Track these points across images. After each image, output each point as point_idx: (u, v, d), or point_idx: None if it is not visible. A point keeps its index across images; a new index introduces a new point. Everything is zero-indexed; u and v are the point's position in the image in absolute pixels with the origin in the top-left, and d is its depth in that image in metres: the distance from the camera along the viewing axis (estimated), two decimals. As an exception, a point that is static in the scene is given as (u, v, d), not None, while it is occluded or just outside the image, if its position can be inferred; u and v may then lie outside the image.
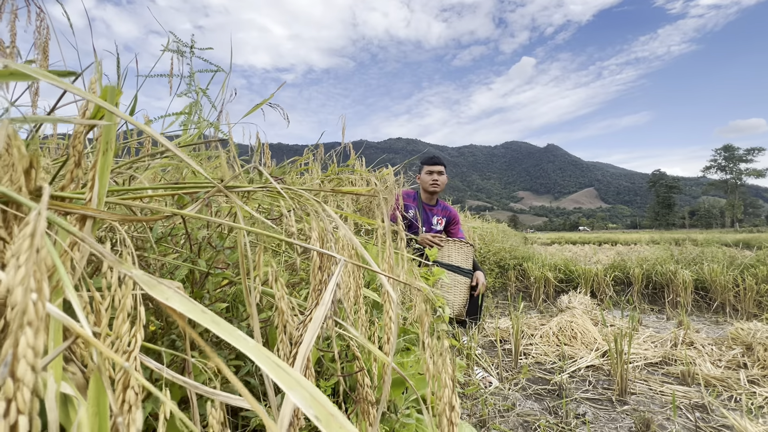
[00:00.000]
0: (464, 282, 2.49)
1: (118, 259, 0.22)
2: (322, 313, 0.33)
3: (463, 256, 2.46)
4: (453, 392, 0.37)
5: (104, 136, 0.34)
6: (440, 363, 0.39)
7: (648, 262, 4.19)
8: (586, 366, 2.24)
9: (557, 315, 3.19)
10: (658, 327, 3.17)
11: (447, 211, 2.89)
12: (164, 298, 0.20)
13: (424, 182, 2.74)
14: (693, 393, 1.86)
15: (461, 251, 2.48)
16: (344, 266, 0.37)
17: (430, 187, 2.71)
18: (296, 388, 0.16)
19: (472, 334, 2.16)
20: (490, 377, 2.04)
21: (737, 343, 2.43)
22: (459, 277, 2.45)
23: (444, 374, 0.38)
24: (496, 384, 2.00)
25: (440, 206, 2.88)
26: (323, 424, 0.15)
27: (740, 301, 3.41)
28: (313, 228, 0.39)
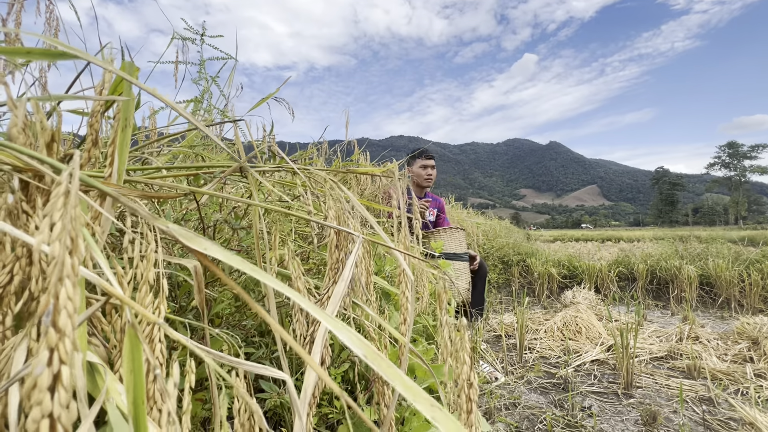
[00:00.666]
0: (463, 267, 2.49)
1: (153, 215, 0.23)
2: (342, 288, 0.33)
3: (456, 242, 2.46)
4: (471, 369, 0.37)
5: (123, 112, 0.34)
6: (458, 340, 0.39)
7: (652, 258, 4.18)
8: (591, 360, 2.24)
9: (561, 310, 3.18)
10: (662, 322, 3.16)
11: (436, 201, 2.92)
12: (202, 248, 0.20)
13: (418, 176, 2.72)
14: (699, 386, 1.86)
15: (453, 237, 2.48)
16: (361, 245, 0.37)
17: (424, 181, 2.71)
18: (341, 329, 0.16)
19: (478, 327, 2.15)
20: (495, 372, 2.04)
21: (743, 338, 2.42)
22: (457, 264, 2.46)
23: (462, 351, 0.38)
24: (502, 380, 2.00)
25: (428, 197, 2.89)
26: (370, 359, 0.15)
27: (746, 296, 3.40)
28: (330, 206, 0.39)
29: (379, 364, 0.15)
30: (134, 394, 0.19)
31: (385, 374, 0.15)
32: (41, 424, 0.15)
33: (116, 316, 0.32)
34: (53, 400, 0.16)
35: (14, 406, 0.23)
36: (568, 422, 1.55)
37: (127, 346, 0.20)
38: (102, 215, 0.33)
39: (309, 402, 0.22)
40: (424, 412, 0.16)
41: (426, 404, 0.16)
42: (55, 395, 0.16)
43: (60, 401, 0.16)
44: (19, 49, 0.39)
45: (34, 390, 0.16)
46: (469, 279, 2.50)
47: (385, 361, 0.15)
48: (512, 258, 4.57)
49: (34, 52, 0.41)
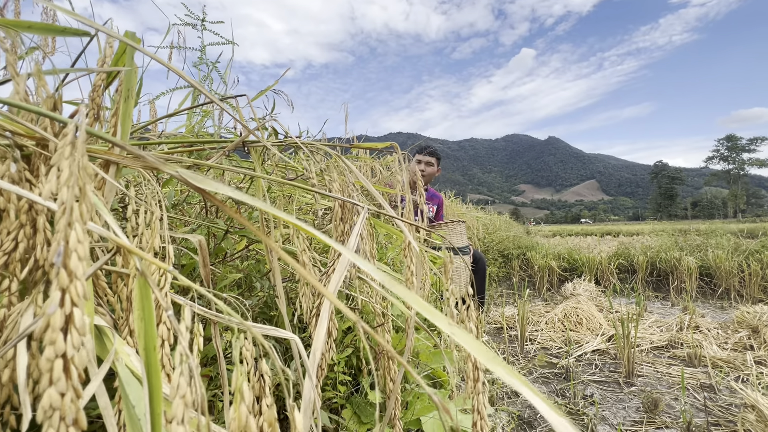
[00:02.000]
0: (466, 261, 2.50)
1: (164, 162, 0.22)
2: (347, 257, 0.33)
3: (457, 236, 2.46)
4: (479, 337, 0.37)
5: (126, 83, 0.34)
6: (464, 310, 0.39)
7: (652, 250, 4.18)
8: (593, 350, 2.25)
9: (562, 302, 3.19)
10: (662, 313, 3.17)
11: (436, 198, 2.95)
12: (213, 188, 0.20)
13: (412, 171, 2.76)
14: (700, 374, 1.87)
15: (454, 231, 2.49)
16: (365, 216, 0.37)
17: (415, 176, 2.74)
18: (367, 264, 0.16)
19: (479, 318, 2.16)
20: None
21: (743, 326, 2.43)
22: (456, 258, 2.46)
23: (468, 321, 0.38)
24: None
25: (429, 193, 2.92)
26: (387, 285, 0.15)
27: (745, 286, 3.41)
28: (334, 179, 0.39)
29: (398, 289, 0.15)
30: (145, 340, 0.19)
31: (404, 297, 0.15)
32: (55, 363, 0.15)
33: (122, 285, 0.31)
34: (66, 341, 0.16)
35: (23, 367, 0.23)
36: (570, 410, 1.56)
37: (137, 293, 0.19)
38: (105, 185, 0.33)
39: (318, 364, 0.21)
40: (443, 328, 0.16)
41: (444, 322, 0.16)
42: (68, 336, 0.16)
43: (73, 342, 0.16)
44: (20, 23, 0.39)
45: (47, 330, 0.15)
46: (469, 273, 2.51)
47: (402, 286, 0.15)
48: (512, 251, 4.57)
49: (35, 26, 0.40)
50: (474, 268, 2.64)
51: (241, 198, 0.19)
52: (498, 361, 0.15)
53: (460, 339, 0.15)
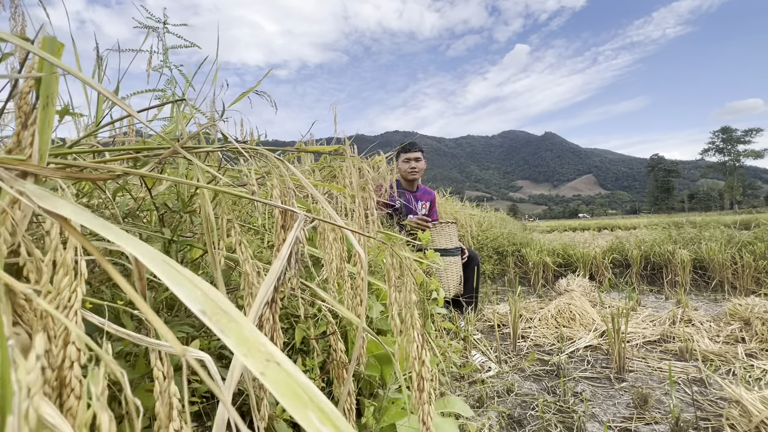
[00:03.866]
0: (454, 262, 2.48)
1: (13, 177, 0.21)
2: (278, 265, 0.31)
3: (446, 237, 2.45)
4: (422, 347, 0.36)
5: (44, 89, 0.32)
6: (408, 317, 0.37)
7: (646, 244, 4.19)
8: (585, 346, 2.24)
9: (556, 298, 3.19)
10: (656, 307, 3.17)
11: (429, 194, 2.93)
12: (53, 207, 0.18)
13: (402, 171, 2.77)
14: (691, 368, 1.86)
15: (443, 232, 2.48)
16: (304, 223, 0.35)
17: (408, 175, 2.75)
18: (184, 283, 0.14)
19: (469, 317, 2.14)
20: (489, 362, 2.04)
21: (735, 319, 2.43)
22: (447, 259, 2.45)
23: (412, 330, 0.36)
24: (494, 370, 1.99)
25: (422, 190, 2.91)
26: (208, 316, 0.14)
27: (738, 278, 3.41)
28: (275, 185, 0.37)
29: (219, 320, 0.14)
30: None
31: (221, 329, 0.14)
32: None
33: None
34: None
35: None
36: (560, 407, 1.55)
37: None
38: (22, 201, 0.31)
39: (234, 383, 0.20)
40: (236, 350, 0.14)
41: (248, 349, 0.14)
42: None
43: None
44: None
45: None
46: (460, 273, 2.49)
47: (226, 315, 0.14)
48: (507, 248, 4.57)
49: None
50: (466, 267, 2.63)
51: (92, 226, 0.17)
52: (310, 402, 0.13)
53: (269, 380, 0.13)
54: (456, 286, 2.47)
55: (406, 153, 2.74)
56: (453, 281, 2.47)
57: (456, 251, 2.48)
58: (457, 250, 2.49)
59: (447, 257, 2.43)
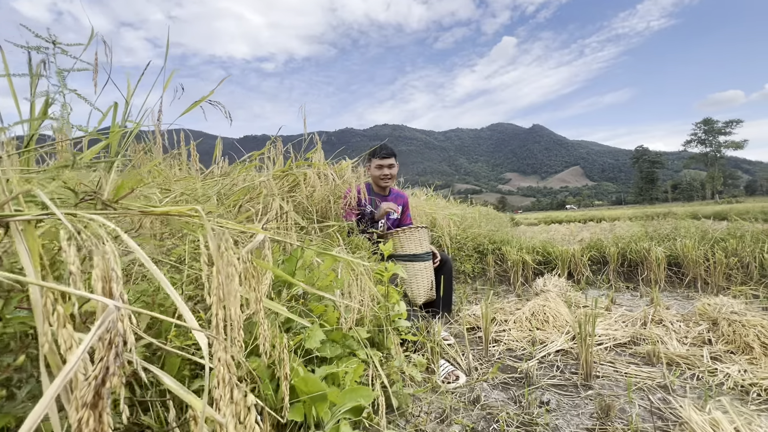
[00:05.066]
0: (424, 267, 2.44)
1: None
2: (60, 380, 0.26)
3: (416, 242, 2.40)
4: None
5: None
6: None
7: (623, 240, 4.22)
8: (556, 351, 2.24)
9: (532, 299, 3.19)
10: (631, 305, 3.20)
11: (401, 198, 2.85)
12: None
13: (374, 176, 2.66)
14: (657, 373, 1.87)
15: (413, 237, 2.43)
16: (119, 317, 0.29)
17: (380, 181, 2.66)
18: None
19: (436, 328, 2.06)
20: (457, 371, 2.01)
21: (704, 319, 2.45)
22: (418, 265, 2.41)
23: None
24: (463, 380, 1.96)
25: (394, 194, 2.82)
26: None
27: (710, 275, 3.46)
28: (96, 265, 0.31)
29: None
30: None
31: None
32: None
33: None
34: None
35: None
36: (523, 420, 1.53)
37: None
38: None
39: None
40: None
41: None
42: None
43: None
44: None
45: None
46: (431, 278, 2.45)
47: None
48: (487, 246, 4.57)
49: None
50: (438, 271, 2.59)
51: None
52: None
53: None
54: (427, 291, 2.44)
55: (379, 159, 2.62)
56: (423, 287, 2.43)
57: (427, 256, 2.44)
58: (428, 255, 2.45)
59: (417, 263, 2.38)
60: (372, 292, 1.30)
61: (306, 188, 1.81)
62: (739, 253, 3.51)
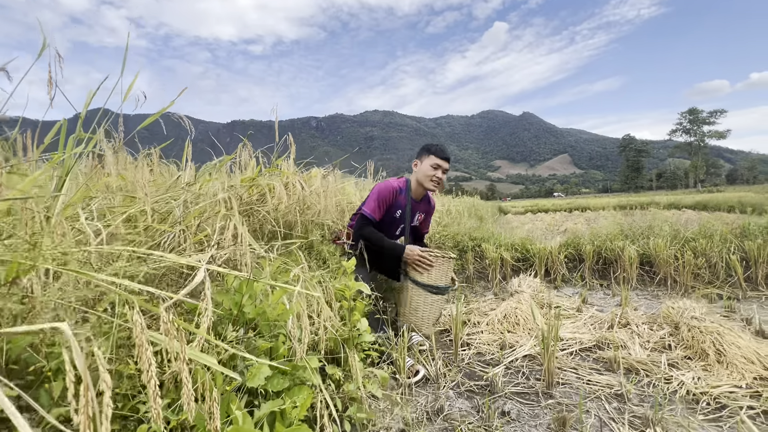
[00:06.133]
0: (440, 299, 2.39)
1: None
2: None
3: (443, 273, 2.31)
4: None
5: None
6: None
7: (599, 239, 4.30)
8: (524, 355, 2.29)
9: (507, 299, 3.24)
10: (602, 304, 3.28)
11: (429, 205, 2.60)
12: None
13: (423, 174, 2.30)
14: (616, 380, 1.92)
15: (441, 268, 2.30)
16: None
17: (429, 183, 2.31)
18: None
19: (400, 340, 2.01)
20: (417, 366, 2.04)
21: (667, 322, 2.53)
22: (435, 296, 2.34)
23: None
24: (423, 373, 1.99)
25: (424, 201, 2.55)
26: None
27: (680, 274, 3.56)
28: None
29: None
30: None
31: None
32: None
33: None
34: None
35: None
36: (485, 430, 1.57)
37: None
38: None
39: None
40: None
41: None
42: None
43: None
44: None
45: None
46: (441, 311, 2.41)
47: None
48: (467, 243, 4.60)
49: None
50: None
51: None
52: None
53: None
54: (434, 323, 2.41)
55: (438, 158, 2.27)
56: (432, 319, 2.38)
57: (446, 290, 2.35)
58: (447, 289, 2.36)
59: (435, 295, 2.33)
60: (328, 315, 1.29)
61: (272, 200, 1.78)
62: (707, 253, 3.61)
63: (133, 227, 1.58)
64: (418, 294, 2.34)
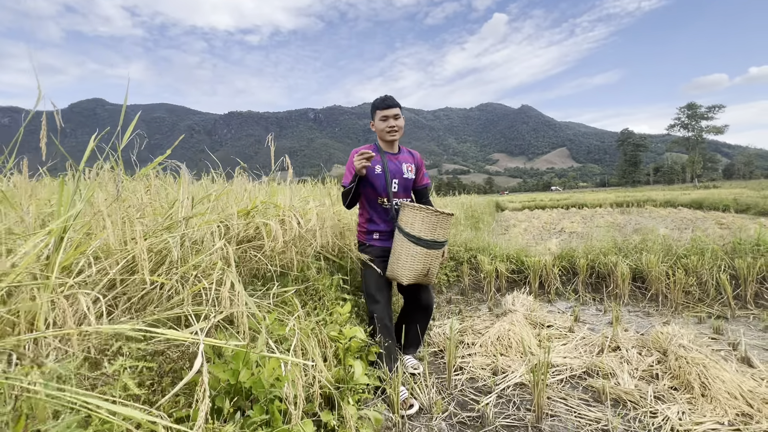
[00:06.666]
0: (425, 253, 2.23)
1: None
2: None
3: (429, 227, 2.21)
4: None
5: None
6: None
7: (593, 252, 4.35)
8: (515, 383, 2.34)
9: (500, 318, 3.29)
10: (594, 322, 3.33)
11: (413, 156, 2.59)
12: None
13: (379, 130, 2.38)
14: (603, 415, 1.98)
15: (426, 221, 2.21)
16: None
17: (387, 135, 2.36)
18: None
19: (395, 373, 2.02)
20: (411, 400, 2.08)
21: (656, 348, 2.59)
22: (418, 248, 2.21)
23: None
24: (416, 408, 2.04)
25: (404, 152, 2.55)
26: None
27: (671, 291, 3.62)
28: None
29: None
30: None
31: None
32: None
33: None
34: None
35: None
36: (473, 472, 1.62)
37: None
38: None
39: None
40: None
41: None
42: None
43: None
44: None
45: None
46: (430, 266, 2.24)
47: None
48: (463, 255, 4.65)
49: None
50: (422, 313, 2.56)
51: None
52: None
53: None
54: (418, 275, 2.26)
55: (383, 109, 2.34)
56: (414, 270, 2.24)
57: (434, 244, 2.24)
58: (435, 243, 2.25)
59: (419, 246, 2.21)
60: (321, 368, 1.32)
61: (268, 242, 1.80)
62: (698, 270, 3.67)
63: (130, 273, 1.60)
64: (401, 242, 2.25)
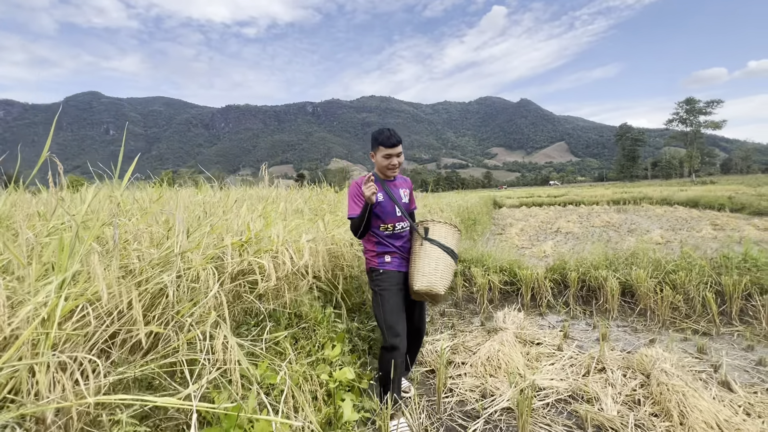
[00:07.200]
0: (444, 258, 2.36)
1: None
2: None
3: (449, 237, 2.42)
4: None
5: None
6: None
7: (584, 265, 4.42)
8: (502, 408, 2.41)
9: (492, 333, 3.37)
10: (583, 339, 3.41)
11: (406, 181, 2.75)
12: None
13: (380, 166, 2.50)
14: (586, 442, 2.06)
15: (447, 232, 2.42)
16: None
17: (388, 171, 2.51)
18: None
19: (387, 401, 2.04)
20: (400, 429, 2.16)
21: (640, 370, 2.67)
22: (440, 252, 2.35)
23: None
24: None
25: (399, 179, 2.68)
26: None
27: (659, 307, 3.70)
28: None
29: None
30: None
31: None
32: None
33: None
34: None
35: None
36: (458, 505, 1.70)
37: None
38: None
39: None
40: None
41: None
42: None
43: None
44: None
45: None
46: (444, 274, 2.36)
47: None
48: (456, 267, 4.71)
49: None
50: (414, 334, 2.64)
51: None
52: None
53: None
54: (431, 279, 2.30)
55: (387, 147, 2.42)
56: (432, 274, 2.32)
57: (451, 252, 2.39)
58: (452, 252, 2.39)
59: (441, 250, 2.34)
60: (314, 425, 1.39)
61: (261, 279, 1.85)
62: (686, 286, 3.75)
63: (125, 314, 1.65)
64: (438, 254, 2.36)
